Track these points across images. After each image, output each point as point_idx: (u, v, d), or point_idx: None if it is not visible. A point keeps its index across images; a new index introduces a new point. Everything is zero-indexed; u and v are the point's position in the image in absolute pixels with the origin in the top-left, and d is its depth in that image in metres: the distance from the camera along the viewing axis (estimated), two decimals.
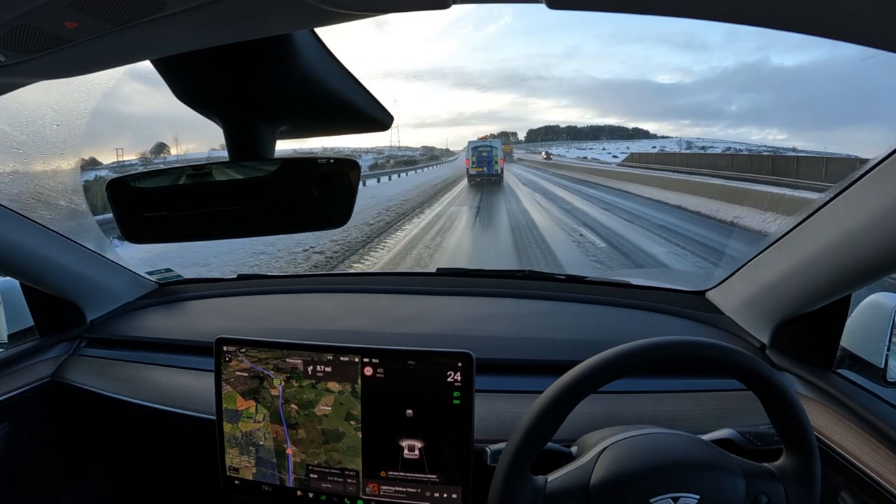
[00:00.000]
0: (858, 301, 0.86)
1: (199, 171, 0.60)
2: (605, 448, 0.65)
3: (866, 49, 0.35)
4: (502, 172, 19.89)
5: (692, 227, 8.51)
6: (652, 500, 0.59)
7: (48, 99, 0.99)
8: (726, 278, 1.07)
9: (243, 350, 0.87)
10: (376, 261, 6.45)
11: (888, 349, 0.80)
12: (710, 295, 1.13)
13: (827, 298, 0.80)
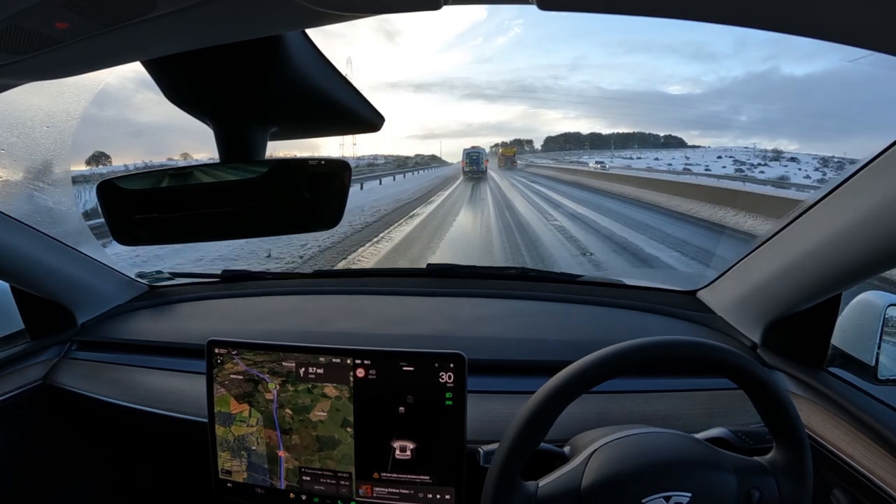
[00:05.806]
0: (849, 300, 0.87)
1: (190, 173, 0.59)
2: (596, 450, 0.65)
3: (856, 51, 0.35)
4: (486, 170, 29.71)
5: None
6: (644, 501, 0.59)
7: (38, 100, 0.98)
8: (717, 278, 1.08)
9: (237, 353, 0.86)
10: None
11: (879, 347, 0.81)
12: (701, 294, 1.14)
13: (817, 297, 0.81)
